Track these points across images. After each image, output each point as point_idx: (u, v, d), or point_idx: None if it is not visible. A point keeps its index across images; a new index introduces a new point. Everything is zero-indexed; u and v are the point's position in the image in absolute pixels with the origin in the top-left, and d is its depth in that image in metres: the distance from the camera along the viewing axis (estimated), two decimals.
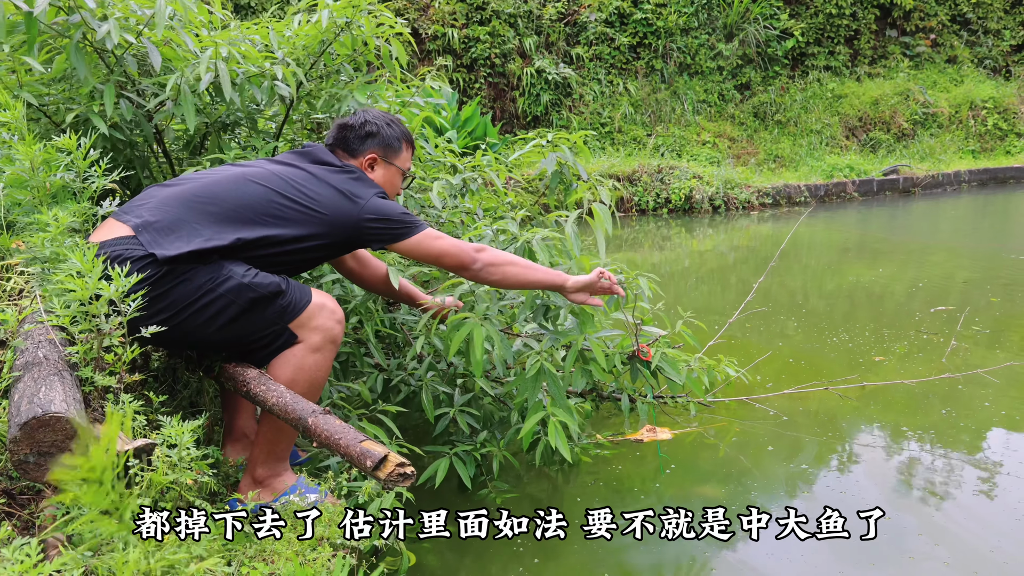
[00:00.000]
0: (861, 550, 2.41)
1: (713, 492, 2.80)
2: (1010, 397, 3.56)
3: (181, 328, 2.01)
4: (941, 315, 4.95)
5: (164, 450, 1.58)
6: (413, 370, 2.82)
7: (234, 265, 2.05)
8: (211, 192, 2.13)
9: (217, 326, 2.04)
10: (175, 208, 2.07)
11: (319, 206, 2.20)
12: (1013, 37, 14.41)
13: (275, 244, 2.14)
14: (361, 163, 2.44)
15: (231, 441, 2.42)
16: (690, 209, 10.82)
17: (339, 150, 2.45)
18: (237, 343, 2.12)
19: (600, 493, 2.79)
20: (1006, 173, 12.50)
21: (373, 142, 2.44)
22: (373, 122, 2.45)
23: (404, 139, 2.51)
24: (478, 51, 12.50)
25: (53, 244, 1.96)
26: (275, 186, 2.18)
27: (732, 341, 4.51)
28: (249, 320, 2.06)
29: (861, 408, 3.52)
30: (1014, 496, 2.69)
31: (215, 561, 1.60)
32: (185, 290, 1.99)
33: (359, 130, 2.44)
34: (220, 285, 2.01)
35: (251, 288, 2.04)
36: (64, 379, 1.63)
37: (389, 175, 2.48)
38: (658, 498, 2.73)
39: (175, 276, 1.98)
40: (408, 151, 2.54)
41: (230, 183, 2.16)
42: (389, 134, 2.46)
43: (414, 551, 2.19)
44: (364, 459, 1.69)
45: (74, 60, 2.51)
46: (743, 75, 13.71)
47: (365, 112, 2.49)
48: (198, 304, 2.00)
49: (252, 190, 2.15)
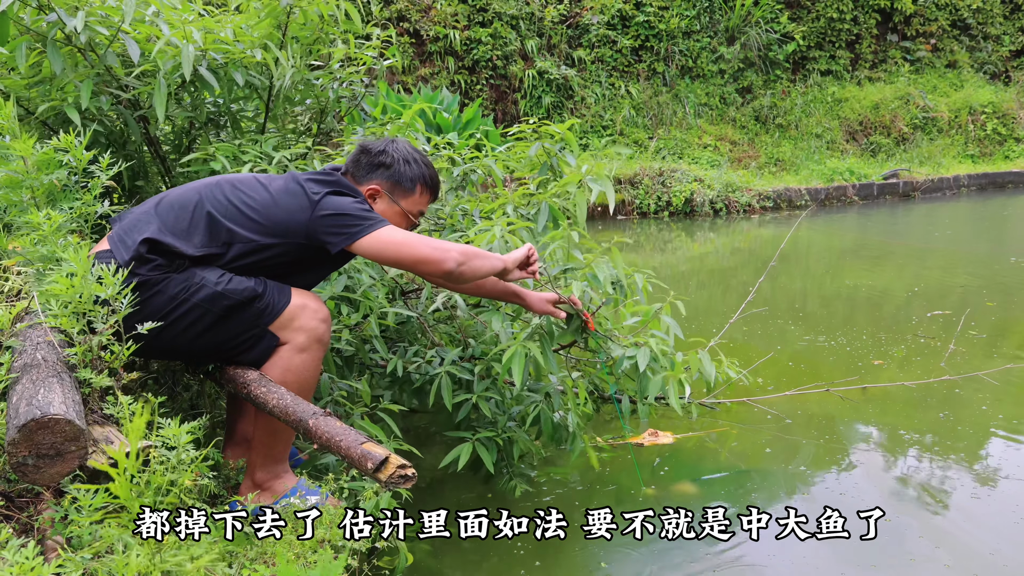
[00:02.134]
0: (862, 551, 2.40)
1: (713, 493, 2.80)
2: (1007, 401, 3.55)
3: (158, 340, 1.98)
4: (938, 319, 4.95)
5: (163, 452, 1.58)
6: (431, 359, 2.75)
7: (207, 272, 2.01)
8: (179, 191, 2.12)
9: (194, 335, 2.01)
10: (147, 204, 2.09)
11: (265, 208, 2.07)
12: (1012, 43, 14.42)
13: (242, 255, 2.05)
14: (364, 191, 2.24)
15: (232, 444, 2.41)
16: (691, 212, 10.82)
17: (350, 174, 2.28)
18: (217, 350, 2.08)
19: (598, 496, 2.79)
20: (1005, 178, 12.50)
21: (382, 173, 2.25)
22: (391, 153, 2.26)
23: (422, 182, 2.29)
24: (480, 53, 12.50)
25: (46, 244, 1.95)
26: (240, 184, 2.12)
27: (732, 344, 4.51)
28: (226, 327, 2.03)
29: (860, 411, 3.51)
30: (1013, 499, 2.69)
31: (212, 559, 1.60)
32: (159, 302, 1.96)
33: (373, 157, 2.26)
34: (193, 295, 1.98)
35: (225, 296, 1.99)
36: (63, 381, 1.62)
37: (391, 213, 2.26)
38: (658, 501, 2.73)
39: (147, 288, 1.95)
40: (424, 196, 2.31)
41: (200, 184, 2.14)
42: (403, 171, 2.25)
43: (412, 551, 2.19)
44: (365, 461, 1.68)
45: (50, 56, 2.52)
46: (744, 78, 13.72)
47: (392, 142, 2.30)
48: (173, 315, 1.97)
49: (219, 189, 2.10)
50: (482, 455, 2.60)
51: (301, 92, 3.06)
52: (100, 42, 2.65)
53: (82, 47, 2.63)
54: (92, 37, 2.61)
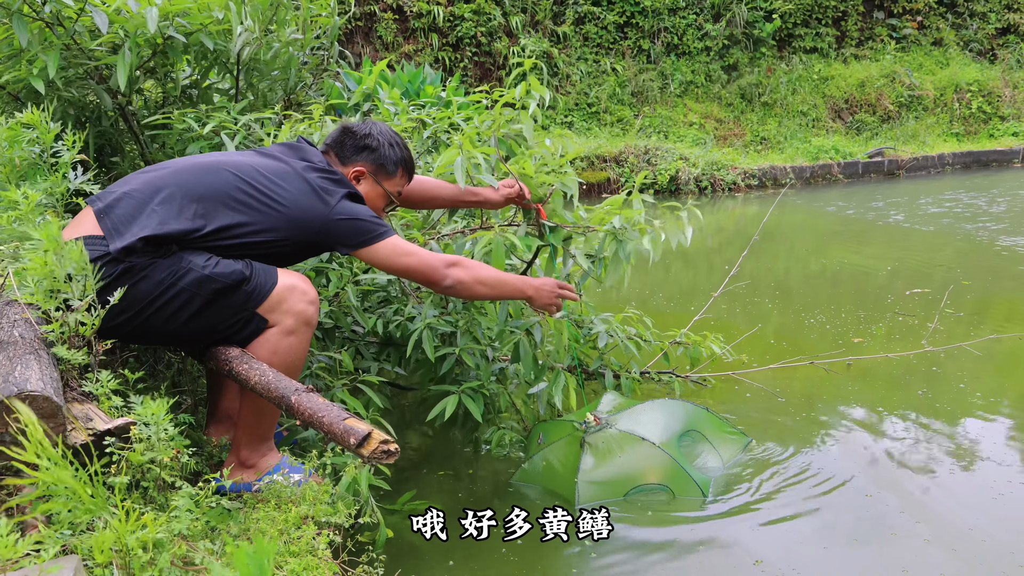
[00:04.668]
0: (845, 527, 2.43)
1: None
2: (986, 379, 3.60)
3: (146, 326, 1.96)
4: (916, 298, 4.99)
5: (141, 429, 1.56)
6: (411, 315, 2.75)
7: (194, 256, 1.98)
8: (178, 179, 2.05)
9: (182, 320, 1.99)
10: (140, 193, 2.00)
11: (283, 200, 2.09)
12: (999, 20, 14.45)
13: (235, 235, 2.04)
14: (348, 173, 2.33)
15: (215, 422, 2.40)
16: (676, 190, 10.82)
17: (332, 154, 2.35)
18: (204, 335, 2.07)
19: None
20: (989, 156, 12.58)
21: (368, 156, 2.34)
22: (376, 137, 2.35)
23: (402, 165, 2.40)
24: (464, 29, 12.39)
25: (23, 223, 1.92)
26: (246, 175, 2.09)
27: (714, 322, 4.53)
28: (213, 311, 2.01)
29: (841, 389, 3.55)
30: (991, 475, 2.72)
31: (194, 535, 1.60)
32: (145, 287, 1.92)
33: (359, 139, 2.34)
34: (180, 279, 1.95)
35: (212, 279, 1.97)
36: (40, 358, 1.61)
37: (373, 195, 2.37)
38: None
39: (133, 274, 1.91)
40: (403, 178, 2.43)
41: (200, 169, 2.09)
42: (388, 154, 2.35)
43: (391, 526, 2.19)
44: (348, 437, 1.68)
45: (16, 29, 2.47)
46: (730, 56, 13.68)
47: (374, 124, 2.38)
48: (160, 301, 1.95)
49: (221, 177, 2.07)
50: (468, 405, 2.58)
51: (267, 62, 3.01)
52: (69, 16, 2.59)
53: (49, 20, 2.59)
54: (59, 10, 2.55)
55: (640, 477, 2.60)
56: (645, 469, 2.61)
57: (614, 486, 2.60)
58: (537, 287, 2.40)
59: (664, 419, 2.79)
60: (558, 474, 2.66)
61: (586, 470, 2.59)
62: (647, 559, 2.29)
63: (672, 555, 2.31)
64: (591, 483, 2.58)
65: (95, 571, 1.37)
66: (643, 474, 2.60)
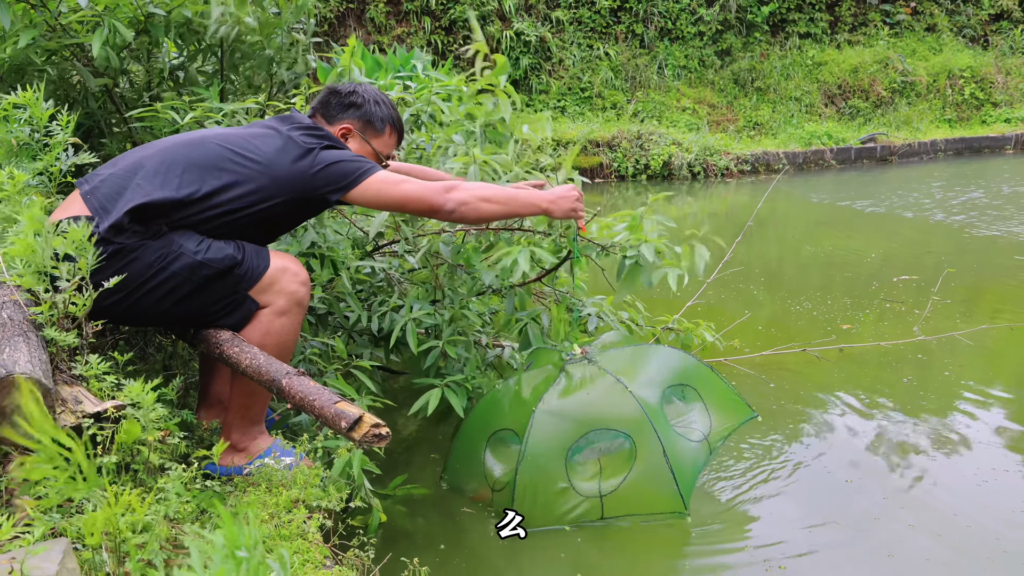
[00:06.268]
0: (829, 510, 2.46)
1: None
2: (973, 367, 3.62)
3: (136, 308, 1.95)
4: (903, 285, 5.02)
5: (129, 411, 1.56)
6: (395, 305, 2.74)
7: (184, 239, 1.97)
8: (164, 155, 2.03)
9: (172, 302, 1.98)
10: (125, 171, 1.99)
11: (265, 156, 2.06)
12: (992, 6, 14.42)
13: (223, 202, 2.01)
14: (335, 131, 2.30)
15: (206, 406, 2.40)
16: (669, 176, 10.81)
17: (319, 115, 2.33)
18: (195, 316, 2.06)
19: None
20: (981, 142, 12.59)
21: (354, 112, 2.31)
22: (361, 94, 2.32)
23: (390, 123, 2.36)
24: (457, 12, 12.29)
25: (9, 204, 1.90)
26: (231, 143, 2.07)
27: (704, 309, 4.54)
28: (205, 294, 2.00)
29: (829, 376, 3.57)
30: (976, 462, 2.75)
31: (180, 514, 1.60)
32: (135, 269, 1.91)
33: (344, 97, 2.31)
34: (171, 263, 1.94)
35: (204, 265, 1.96)
36: (29, 340, 1.60)
37: (362, 153, 2.31)
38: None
39: (124, 255, 1.90)
40: (392, 137, 2.38)
41: (185, 143, 2.07)
42: (374, 111, 2.32)
43: (385, 511, 2.20)
44: (339, 420, 1.68)
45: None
46: (724, 41, 13.63)
47: (359, 84, 2.36)
48: (150, 284, 1.94)
49: (207, 148, 2.05)
50: (451, 399, 2.56)
51: (251, 44, 2.99)
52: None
53: (33, 1, 2.56)
54: None
55: (600, 421, 2.42)
56: (608, 414, 2.42)
57: (571, 423, 2.41)
58: (552, 199, 2.27)
59: (655, 367, 2.63)
60: (522, 403, 2.52)
61: (548, 399, 2.43)
62: (633, 544, 2.31)
63: (657, 541, 2.33)
64: (549, 413, 2.41)
65: (84, 554, 1.37)
66: (604, 419, 2.42)
